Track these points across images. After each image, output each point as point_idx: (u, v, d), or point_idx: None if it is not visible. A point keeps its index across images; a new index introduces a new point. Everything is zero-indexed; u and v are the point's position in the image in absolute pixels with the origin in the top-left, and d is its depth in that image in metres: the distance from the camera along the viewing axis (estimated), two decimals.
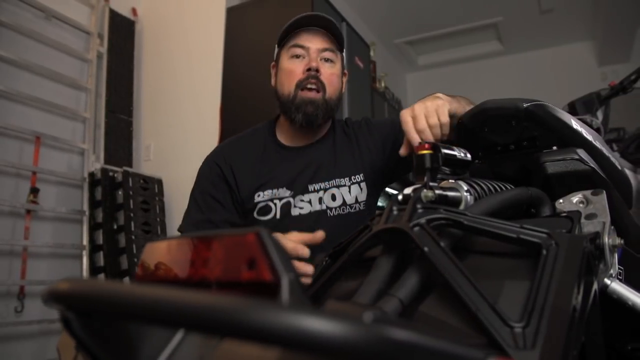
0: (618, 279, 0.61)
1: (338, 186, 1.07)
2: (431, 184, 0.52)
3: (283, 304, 0.21)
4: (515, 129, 0.72)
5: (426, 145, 0.54)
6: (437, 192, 0.51)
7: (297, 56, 1.04)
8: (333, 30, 1.06)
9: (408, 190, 0.50)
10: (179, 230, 1.07)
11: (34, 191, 2.12)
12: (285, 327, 0.20)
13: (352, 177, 1.08)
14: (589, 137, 0.73)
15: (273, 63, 1.13)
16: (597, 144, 0.75)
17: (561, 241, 0.43)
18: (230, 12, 2.54)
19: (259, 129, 1.15)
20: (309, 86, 1.02)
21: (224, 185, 1.05)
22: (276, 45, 1.11)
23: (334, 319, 0.21)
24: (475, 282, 0.39)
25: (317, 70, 1.02)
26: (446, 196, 0.53)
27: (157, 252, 0.38)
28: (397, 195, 0.50)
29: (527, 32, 4.35)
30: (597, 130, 1.24)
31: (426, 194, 0.49)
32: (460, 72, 4.88)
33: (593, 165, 0.63)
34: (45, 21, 2.31)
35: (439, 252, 0.42)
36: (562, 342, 0.35)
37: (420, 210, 0.47)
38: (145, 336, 0.30)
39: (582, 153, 0.65)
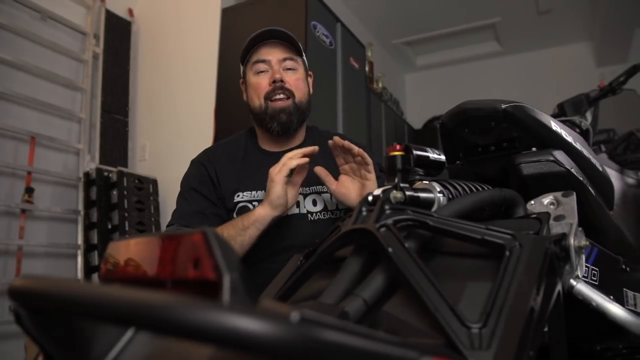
0: (592, 280, 0.61)
1: (320, 192, 1.10)
2: (402, 185, 0.52)
3: (212, 303, 0.21)
4: (495, 129, 0.72)
5: (397, 147, 0.54)
6: (408, 193, 0.51)
7: (262, 71, 1.10)
8: (289, 39, 1.11)
9: (377, 191, 0.50)
10: (167, 226, 1.09)
11: (29, 191, 2.12)
12: (211, 325, 0.21)
13: None
14: (569, 139, 0.73)
15: (241, 80, 1.19)
16: (577, 145, 0.75)
17: (525, 242, 0.43)
18: (226, 12, 2.55)
19: (241, 134, 1.21)
20: (277, 97, 1.08)
21: (209, 183, 1.10)
22: (241, 64, 1.17)
23: (260, 318, 0.21)
24: (436, 283, 0.40)
25: (282, 81, 1.08)
26: (418, 197, 0.53)
27: (119, 251, 0.38)
28: (367, 196, 0.50)
29: (525, 32, 4.35)
30: (586, 131, 1.24)
31: (395, 194, 0.49)
32: (458, 73, 4.88)
33: (568, 167, 0.63)
34: (41, 22, 2.32)
35: (403, 252, 0.42)
36: (516, 343, 0.35)
37: (388, 211, 0.47)
38: (96, 334, 0.31)
39: (558, 154, 0.65)
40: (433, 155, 0.58)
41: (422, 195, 0.53)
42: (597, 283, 0.61)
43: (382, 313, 0.43)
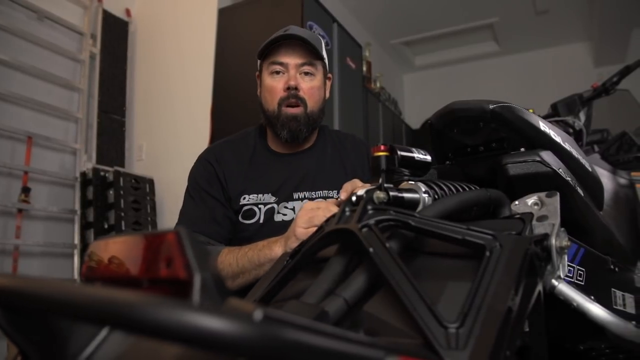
0: (578, 280, 0.61)
1: (325, 197, 1.08)
2: (386, 185, 0.52)
3: (173, 302, 0.21)
4: (483, 130, 0.72)
5: (382, 147, 0.54)
6: (392, 193, 0.52)
7: (277, 72, 1.07)
8: (311, 41, 1.07)
9: (361, 192, 0.50)
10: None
11: (26, 190, 2.13)
12: (173, 324, 0.21)
13: None
14: (557, 139, 0.74)
15: (257, 73, 1.16)
16: (566, 146, 0.75)
17: (505, 243, 0.43)
18: (222, 13, 2.55)
19: (250, 132, 1.18)
20: (290, 103, 1.06)
21: (218, 183, 1.07)
22: (258, 58, 1.14)
23: (222, 317, 0.21)
24: (416, 283, 0.40)
25: (296, 88, 1.05)
26: (402, 197, 0.53)
27: (99, 251, 0.38)
28: (350, 196, 0.51)
29: (523, 32, 4.36)
30: (580, 131, 1.24)
31: (378, 195, 0.49)
32: (456, 73, 4.88)
33: (555, 167, 0.64)
34: (37, 22, 2.32)
35: (384, 252, 0.43)
36: (492, 342, 0.35)
37: (370, 212, 0.48)
38: (72, 332, 0.31)
39: (545, 155, 0.65)
40: (418, 155, 0.58)
41: (407, 195, 0.54)
42: (583, 283, 0.61)
43: (363, 313, 0.43)
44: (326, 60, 1.14)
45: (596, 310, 0.46)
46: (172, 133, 2.60)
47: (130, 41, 2.78)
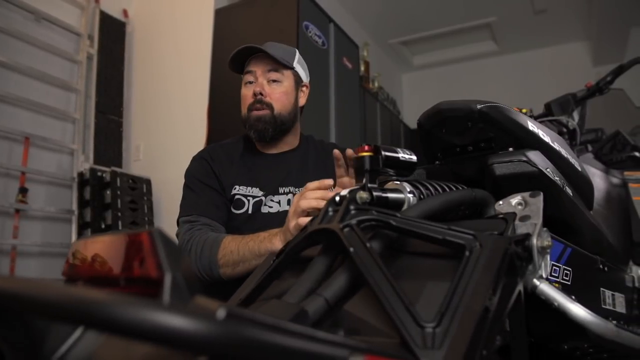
0: (564, 279, 0.61)
1: None
2: (370, 185, 0.52)
3: (137, 300, 0.22)
4: (471, 130, 0.72)
5: (366, 147, 0.54)
6: (376, 193, 0.52)
7: (250, 82, 1.18)
8: (275, 51, 1.16)
9: (345, 192, 0.50)
10: (182, 216, 1.13)
11: (23, 191, 2.14)
12: (137, 322, 0.21)
13: None
14: (546, 138, 0.74)
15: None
16: (555, 145, 0.75)
17: (485, 242, 0.43)
18: (219, 13, 2.55)
19: (239, 138, 1.30)
20: (256, 107, 1.16)
21: (214, 176, 1.17)
22: (240, 73, 1.24)
23: (185, 315, 0.21)
24: (395, 282, 0.40)
25: (261, 94, 1.15)
26: (386, 197, 0.53)
27: (81, 250, 0.39)
28: (334, 196, 0.51)
29: (521, 32, 4.36)
30: (573, 131, 1.25)
31: (361, 195, 0.49)
32: (455, 72, 4.88)
33: (542, 167, 0.64)
34: (35, 23, 2.33)
35: (364, 252, 0.43)
36: (467, 342, 0.35)
37: (353, 212, 0.48)
38: (48, 331, 0.31)
39: (532, 155, 0.65)
40: (403, 155, 0.58)
41: (391, 195, 0.54)
42: (569, 283, 0.61)
43: (344, 312, 0.44)
44: (299, 70, 1.23)
45: (576, 310, 0.46)
46: (169, 133, 2.60)
47: (128, 42, 2.79)
